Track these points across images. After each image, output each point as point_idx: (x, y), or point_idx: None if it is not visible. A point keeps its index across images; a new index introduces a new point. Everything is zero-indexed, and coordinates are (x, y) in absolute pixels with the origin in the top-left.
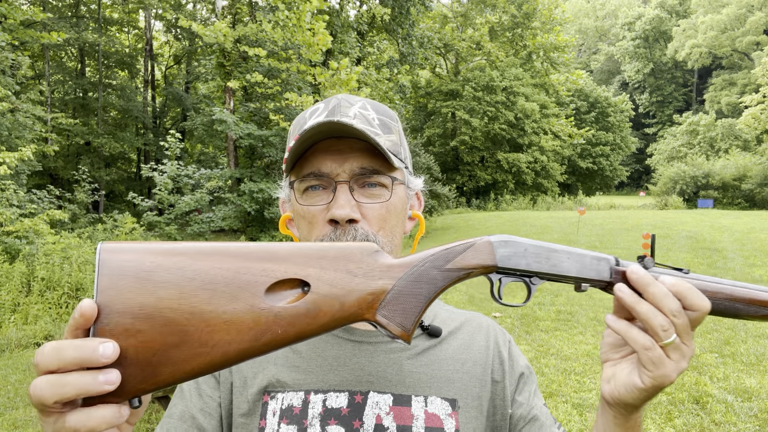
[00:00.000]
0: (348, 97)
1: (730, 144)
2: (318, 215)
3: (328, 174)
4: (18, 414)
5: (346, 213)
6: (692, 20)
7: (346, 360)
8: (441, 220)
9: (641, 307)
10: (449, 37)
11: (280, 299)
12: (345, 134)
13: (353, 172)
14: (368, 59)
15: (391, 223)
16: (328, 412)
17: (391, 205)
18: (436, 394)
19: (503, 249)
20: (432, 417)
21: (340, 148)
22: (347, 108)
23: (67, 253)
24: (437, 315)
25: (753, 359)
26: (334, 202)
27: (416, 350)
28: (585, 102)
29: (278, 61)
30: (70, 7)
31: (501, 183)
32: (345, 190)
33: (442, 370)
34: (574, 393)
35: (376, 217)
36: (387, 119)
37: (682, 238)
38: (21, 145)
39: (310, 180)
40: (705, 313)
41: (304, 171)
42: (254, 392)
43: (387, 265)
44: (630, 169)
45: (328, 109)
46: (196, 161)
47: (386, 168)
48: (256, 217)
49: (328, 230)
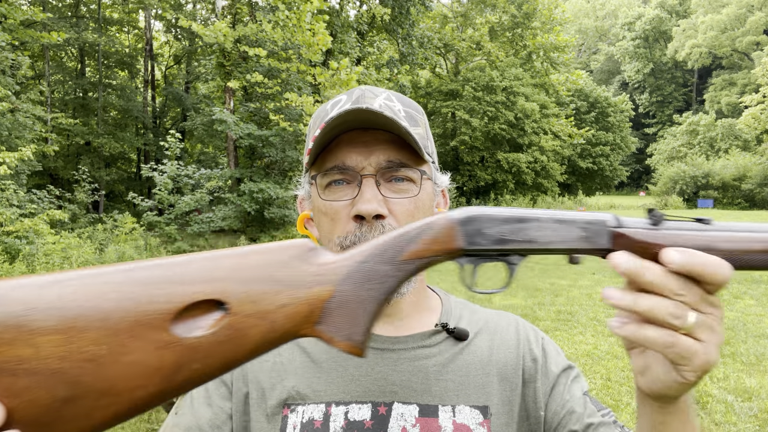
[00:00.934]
0: (372, 89)
1: (730, 144)
2: (341, 211)
3: (353, 167)
4: None
5: (373, 208)
6: (692, 20)
7: (369, 369)
8: None
9: (642, 302)
10: (449, 37)
11: (192, 328)
12: (372, 125)
13: (380, 165)
14: (368, 59)
15: (419, 218)
16: (351, 425)
17: (420, 201)
18: (465, 403)
19: (469, 226)
20: (461, 428)
21: (366, 140)
22: (372, 99)
23: (67, 253)
24: (462, 317)
25: (753, 359)
26: (359, 196)
27: (443, 356)
28: (585, 102)
29: (278, 61)
30: (70, 7)
31: (501, 183)
32: (371, 184)
33: (470, 375)
34: None
35: (404, 213)
36: (413, 111)
37: None
38: (21, 145)
39: (334, 174)
40: (726, 281)
41: (327, 165)
42: (273, 404)
43: (324, 265)
44: (630, 169)
45: (352, 99)
46: (196, 161)
47: (414, 161)
48: (256, 217)
49: (353, 227)
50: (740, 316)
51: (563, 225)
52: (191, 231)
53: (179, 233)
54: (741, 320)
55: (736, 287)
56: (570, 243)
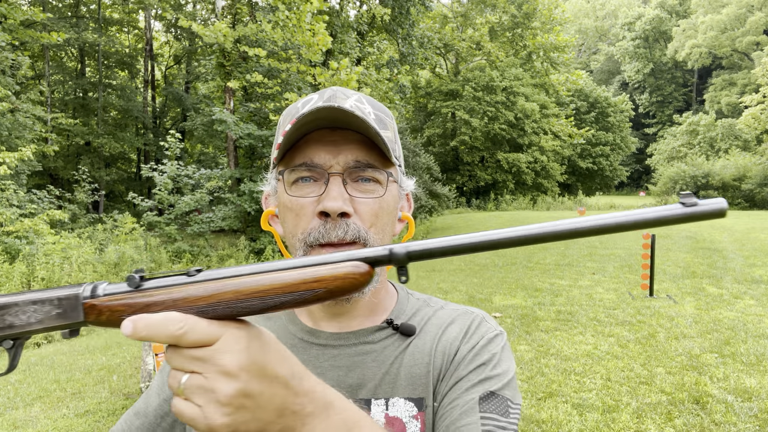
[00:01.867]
0: (343, 90)
1: (730, 144)
2: (307, 207)
3: (321, 165)
4: (18, 414)
5: (338, 205)
6: (692, 20)
7: (308, 365)
8: (441, 220)
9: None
10: (449, 37)
11: None
12: (342, 124)
13: (347, 164)
14: (368, 59)
15: (383, 220)
16: None
17: (384, 202)
18: (400, 395)
19: None
20: (393, 420)
21: (335, 139)
22: (343, 99)
23: (67, 253)
24: (417, 313)
25: (753, 359)
26: (326, 194)
27: (385, 352)
28: (585, 102)
29: (278, 61)
30: (70, 7)
31: (501, 183)
32: (338, 182)
33: (411, 369)
34: (574, 393)
35: (368, 213)
36: (383, 115)
37: (682, 238)
38: (21, 145)
39: (302, 171)
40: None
41: (296, 161)
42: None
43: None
44: (630, 169)
45: (323, 99)
46: (196, 161)
47: (381, 163)
48: (256, 217)
49: (317, 223)
50: (740, 316)
51: (39, 305)
52: (191, 231)
53: (179, 233)
54: (741, 320)
55: (737, 287)
56: (48, 322)
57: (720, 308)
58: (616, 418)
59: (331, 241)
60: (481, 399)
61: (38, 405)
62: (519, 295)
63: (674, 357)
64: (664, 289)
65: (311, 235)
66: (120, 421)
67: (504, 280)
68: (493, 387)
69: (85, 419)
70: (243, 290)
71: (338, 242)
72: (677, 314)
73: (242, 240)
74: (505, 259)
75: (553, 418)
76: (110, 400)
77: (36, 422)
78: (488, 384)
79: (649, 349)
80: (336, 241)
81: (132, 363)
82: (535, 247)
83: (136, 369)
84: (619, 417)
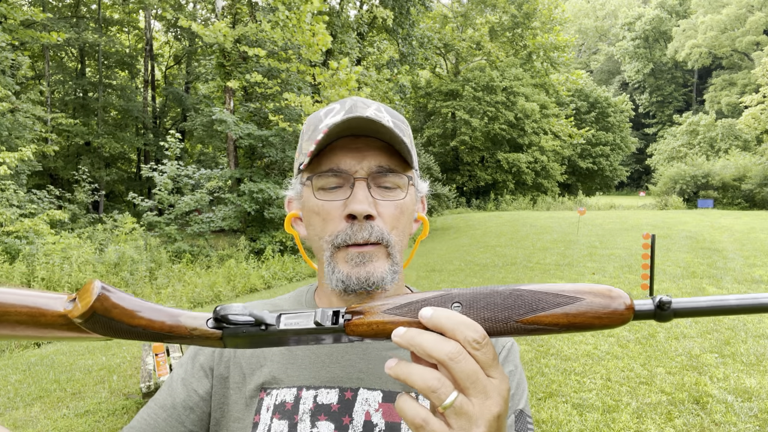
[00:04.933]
0: (363, 100)
1: (730, 144)
2: (333, 211)
3: (347, 171)
4: (18, 414)
5: (364, 208)
6: (692, 20)
7: (339, 356)
8: (441, 220)
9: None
10: (449, 37)
11: None
12: (370, 132)
13: (371, 169)
14: (368, 59)
15: (403, 223)
16: (319, 408)
17: (404, 205)
18: None
19: None
20: None
21: (358, 146)
22: (364, 109)
23: (67, 253)
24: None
25: (753, 359)
26: (352, 197)
27: None
28: (585, 102)
29: (278, 61)
30: (70, 7)
31: (501, 183)
32: (363, 186)
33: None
34: (574, 393)
35: (390, 216)
36: (399, 122)
37: (682, 238)
38: (21, 145)
39: (328, 176)
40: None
41: (322, 167)
42: (252, 388)
43: None
44: (630, 169)
45: (345, 108)
46: (196, 161)
47: (402, 168)
48: (256, 217)
49: (344, 226)
50: (740, 316)
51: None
52: (191, 231)
53: (179, 233)
54: (741, 320)
55: (737, 287)
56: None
57: None
58: (616, 418)
59: (357, 242)
60: (516, 419)
61: (38, 405)
62: None
63: (674, 357)
64: (664, 289)
65: (339, 237)
66: (141, 415)
67: (504, 280)
68: (520, 404)
69: (85, 419)
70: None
71: (363, 242)
72: None
73: (242, 240)
74: (505, 260)
75: (553, 418)
76: (110, 400)
77: (36, 422)
78: (516, 401)
79: (649, 349)
80: (362, 241)
81: (132, 363)
82: (534, 247)
83: (136, 369)
84: (619, 417)
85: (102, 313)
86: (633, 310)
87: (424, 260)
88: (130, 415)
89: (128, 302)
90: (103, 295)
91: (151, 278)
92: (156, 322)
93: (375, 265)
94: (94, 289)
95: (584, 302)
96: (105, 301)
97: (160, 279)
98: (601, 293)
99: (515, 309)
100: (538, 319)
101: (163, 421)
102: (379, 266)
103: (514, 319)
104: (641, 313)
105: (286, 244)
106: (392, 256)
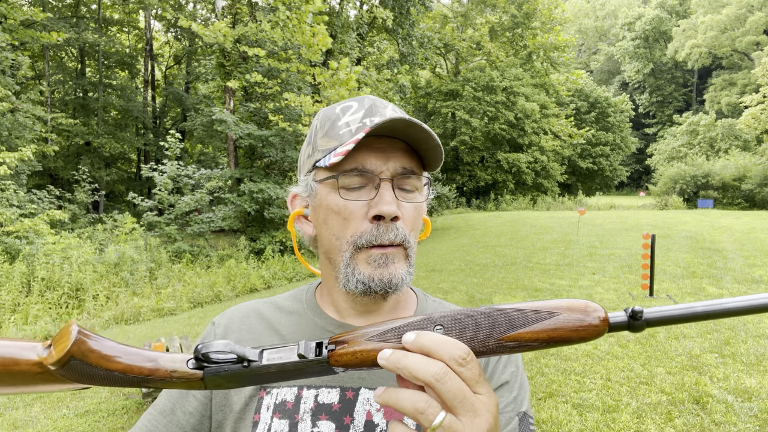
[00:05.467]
0: (379, 99)
1: (730, 144)
2: (357, 212)
3: (372, 171)
4: (18, 414)
5: (393, 209)
6: (692, 20)
7: None
8: (441, 220)
9: (390, 396)
10: (449, 37)
11: None
12: (390, 133)
13: (396, 171)
14: (368, 59)
15: (418, 224)
16: (320, 408)
17: (421, 207)
18: None
19: None
20: None
21: (382, 147)
22: (383, 108)
23: (67, 253)
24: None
25: (753, 359)
26: (379, 198)
27: None
28: (585, 102)
29: (278, 61)
30: (70, 7)
31: (501, 183)
32: (389, 187)
33: None
34: (574, 393)
35: (410, 218)
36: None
37: (682, 238)
38: (21, 145)
39: (352, 175)
40: (459, 362)
41: (346, 166)
42: (251, 388)
43: None
44: (630, 169)
45: (365, 107)
46: (196, 161)
47: (420, 170)
48: (256, 217)
49: (369, 227)
50: (740, 316)
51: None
52: (191, 231)
53: (179, 233)
54: (741, 320)
55: (737, 287)
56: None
57: None
58: (616, 418)
59: (383, 243)
60: (520, 422)
61: (38, 405)
62: (519, 295)
63: (674, 357)
64: (664, 289)
65: (362, 238)
66: (141, 421)
67: (504, 280)
68: (523, 407)
69: (85, 419)
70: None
71: (388, 244)
72: None
73: (242, 240)
74: (505, 260)
75: (553, 418)
76: (110, 400)
77: (36, 422)
78: (519, 403)
79: (649, 349)
80: (387, 243)
81: None
82: (534, 247)
83: None
84: (619, 417)
85: (80, 358)
86: (608, 323)
87: (424, 260)
88: (130, 415)
89: (106, 347)
90: (80, 339)
91: (151, 278)
92: (134, 367)
93: (396, 267)
94: (71, 333)
95: (561, 317)
96: (82, 345)
97: (160, 279)
98: (577, 308)
99: (496, 327)
100: (518, 336)
101: (163, 427)
102: (399, 267)
103: (495, 337)
104: (616, 325)
105: (286, 244)
106: (410, 257)
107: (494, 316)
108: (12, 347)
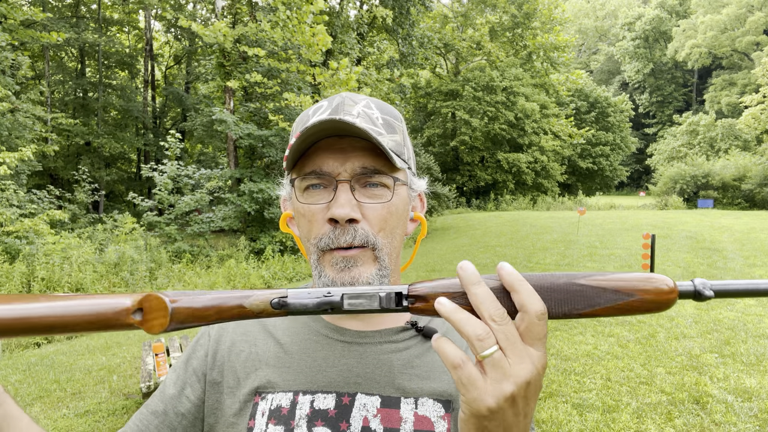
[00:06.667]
0: (352, 96)
1: (730, 144)
2: (318, 214)
3: (330, 173)
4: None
5: (345, 212)
6: (692, 20)
7: (335, 361)
8: (441, 221)
9: (457, 315)
10: (449, 37)
11: None
12: (347, 133)
13: (355, 171)
14: (368, 59)
15: (392, 224)
16: (316, 413)
17: (392, 206)
18: (429, 396)
19: None
20: (422, 419)
21: (342, 147)
22: (351, 106)
23: (67, 253)
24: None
25: (753, 359)
26: (334, 201)
27: (409, 352)
28: (585, 102)
29: (278, 61)
30: (70, 7)
31: (501, 183)
32: (346, 189)
33: (436, 371)
34: (574, 393)
35: (376, 218)
36: (391, 119)
37: (682, 238)
38: (21, 145)
39: (311, 178)
40: (537, 316)
41: (306, 169)
42: (246, 392)
43: None
44: (630, 169)
45: (332, 107)
46: (196, 161)
47: (388, 168)
48: (256, 217)
49: (327, 229)
50: (740, 316)
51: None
52: (191, 231)
53: (179, 233)
54: (741, 320)
55: None
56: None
57: (720, 308)
58: (616, 418)
59: (341, 246)
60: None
61: (38, 405)
62: None
63: (674, 357)
64: None
65: (322, 241)
66: (133, 421)
67: None
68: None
69: (85, 419)
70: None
71: (347, 246)
72: (677, 314)
73: (242, 240)
74: (505, 260)
75: (553, 418)
76: (110, 400)
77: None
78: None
79: (649, 349)
80: (345, 245)
81: (132, 363)
82: (534, 247)
83: (136, 369)
84: (619, 417)
85: (177, 324)
86: (677, 293)
87: (424, 260)
88: (130, 415)
89: (197, 301)
90: (175, 311)
91: (151, 278)
92: (225, 312)
93: (360, 270)
94: (168, 309)
95: (636, 298)
96: (178, 315)
97: (160, 279)
98: (653, 290)
99: (574, 303)
100: (594, 312)
101: (155, 428)
102: (364, 270)
103: (574, 313)
104: (684, 293)
105: (286, 244)
106: (380, 259)
107: (575, 291)
108: (102, 306)
